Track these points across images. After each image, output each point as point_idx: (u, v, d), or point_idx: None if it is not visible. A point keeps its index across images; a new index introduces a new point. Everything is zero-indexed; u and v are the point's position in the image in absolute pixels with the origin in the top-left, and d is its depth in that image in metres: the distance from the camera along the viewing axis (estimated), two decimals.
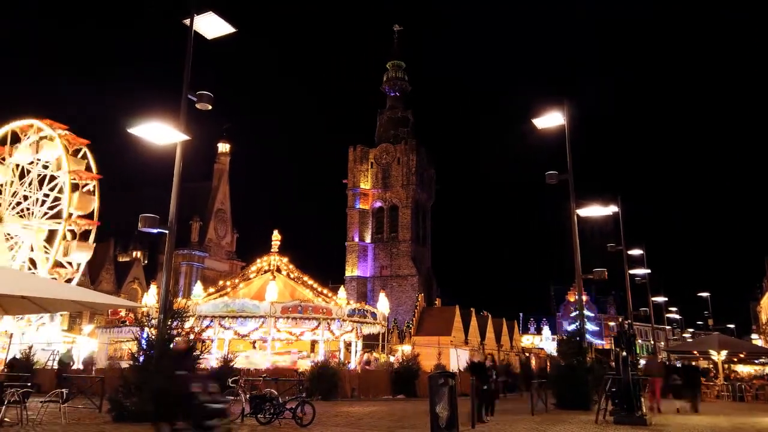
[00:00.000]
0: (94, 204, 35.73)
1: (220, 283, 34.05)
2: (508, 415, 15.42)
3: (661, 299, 41.59)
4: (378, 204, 74.86)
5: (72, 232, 35.12)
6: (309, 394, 17.15)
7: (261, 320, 26.77)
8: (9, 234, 36.26)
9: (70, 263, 34.88)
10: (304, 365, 25.00)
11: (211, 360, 23.00)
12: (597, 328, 76.22)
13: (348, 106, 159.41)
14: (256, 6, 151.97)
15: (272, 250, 32.39)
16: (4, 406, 11.01)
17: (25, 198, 36.50)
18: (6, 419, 11.18)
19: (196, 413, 7.91)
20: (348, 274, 72.01)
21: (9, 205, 36.20)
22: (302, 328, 28.83)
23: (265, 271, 32.18)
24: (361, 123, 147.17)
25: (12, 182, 36.41)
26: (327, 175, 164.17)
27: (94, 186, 36.37)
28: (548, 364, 39.13)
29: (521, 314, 72.30)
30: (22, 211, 36.38)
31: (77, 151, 36.46)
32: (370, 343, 34.20)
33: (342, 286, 35.73)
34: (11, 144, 36.62)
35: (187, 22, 13.94)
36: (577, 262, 18.38)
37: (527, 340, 68.54)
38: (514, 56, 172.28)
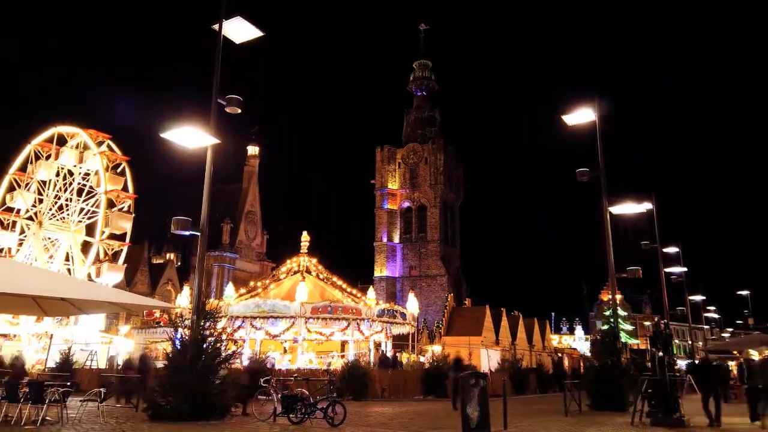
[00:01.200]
0: (129, 224, 36.74)
1: (251, 284, 34.49)
2: (541, 415, 15.21)
3: (698, 298, 40.47)
4: (406, 204, 74.78)
5: (105, 250, 36.24)
6: (340, 394, 17.21)
7: (291, 320, 27.01)
8: (48, 237, 37.47)
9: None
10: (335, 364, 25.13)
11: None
12: (631, 328, 74.58)
13: (375, 107, 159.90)
14: (281, 7, 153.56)
15: (301, 251, 32.67)
16: (45, 405, 11.33)
17: (66, 206, 37.68)
18: (47, 417, 11.51)
19: None
20: (377, 274, 72.12)
21: (49, 210, 37.40)
22: (332, 329, 28.99)
23: (295, 272, 32.47)
24: (388, 123, 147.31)
25: (55, 184, 37.68)
26: (354, 175, 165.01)
27: (130, 205, 37.37)
28: (581, 364, 38.48)
29: (553, 314, 71.29)
30: (60, 215, 37.58)
31: (100, 143, 37.46)
32: (400, 343, 34.17)
33: (371, 286, 35.81)
34: (57, 144, 37.93)
35: (216, 27, 14.15)
36: (610, 261, 18.02)
37: (560, 341, 67.54)
38: (543, 52, 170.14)
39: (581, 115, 17.67)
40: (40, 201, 37.56)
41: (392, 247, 73.42)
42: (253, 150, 75.20)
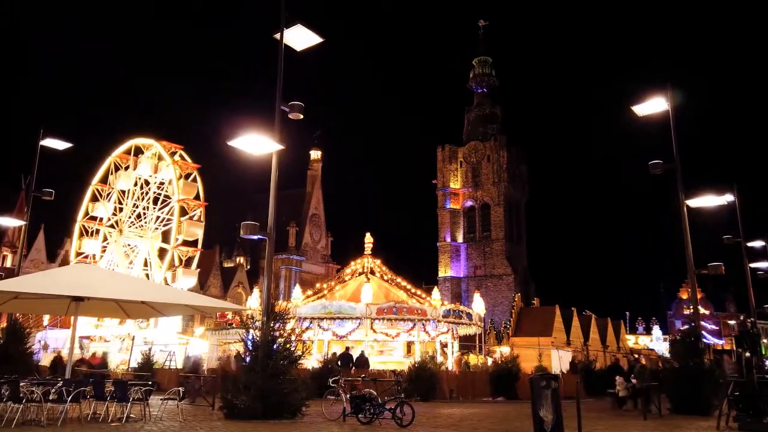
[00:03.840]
0: (200, 231, 38.38)
1: (317, 285, 35.10)
2: (619, 419, 14.61)
3: None
4: (469, 203, 73.99)
5: (179, 256, 37.97)
6: (407, 394, 17.20)
7: (357, 321, 27.26)
8: (128, 244, 39.74)
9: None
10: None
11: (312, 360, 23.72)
12: (715, 327, 70.52)
13: (434, 106, 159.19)
14: (338, 9, 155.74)
15: (365, 253, 32.93)
16: (129, 403, 11.97)
17: (143, 214, 39.85)
18: (131, 415, 12.15)
19: None
20: (441, 274, 71.73)
21: (128, 218, 39.68)
22: (398, 329, 29.03)
23: (360, 274, 32.77)
24: (448, 122, 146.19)
25: (133, 193, 39.95)
26: (416, 176, 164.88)
27: (201, 213, 39.03)
28: (660, 366, 36.68)
29: (627, 313, 68.42)
30: (133, 222, 39.83)
31: (173, 153, 39.29)
32: (467, 344, 33.79)
33: (435, 286, 35.63)
34: (134, 155, 40.22)
35: (278, 36, 14.50)
36: (689, 257, 17.07)
37: (635, 341, 64.79)
38: (608, 42, 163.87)
39: (653, 105, 16.87)
40: (120, 210, 39.82)
41: (456, 247, 72.81)
42: (315, 154, 76.64)
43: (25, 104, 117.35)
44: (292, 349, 13.55)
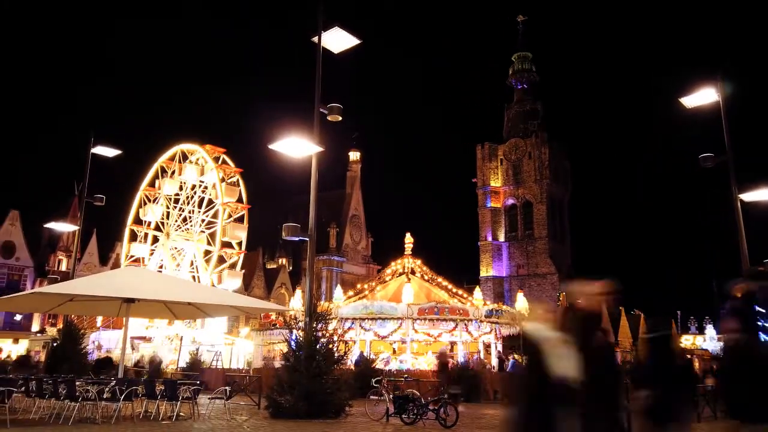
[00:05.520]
0: (244, 233, 39.13)
1: (358, 286, 35.28)
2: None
3: None
4: (510, 201, 72.99)
5: (222, 258, 38.78)
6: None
7: (399, 322, 27.26)
8: (175, 247, 40.86)
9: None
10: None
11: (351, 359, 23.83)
12: None
13: (473, 104, 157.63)
14: (373, 9, 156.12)
15: (406, 253, 32.90)
16: (179, 402, 12.30)
17: (189, 217, 40.94)
18: (181, 413, 12.48)
19: None
20: (483, 274, 71.00)
21: (174, 222, 40.83)
22: (440, 330, 28.89)
23: (400, 274, 32.77)
24: (487, 120, 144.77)
25: (178, 198, 41.08)
26: (455, 175, 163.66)
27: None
28: (714, 366, 35.29)
29: (679, 312, 66.06)
30: (180, 226, 40.92)
31: (216, 158, 40.18)
32: (511, 344, 33.32)
33: (477, 286, 35.28)
34: (180, 160, 41.37)
35: (315, 39, 14.62)
36: (743, 253, 16.34)
37: (688, 341, 62.53)
38: (653, 33, 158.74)
39: (702, 96, 16.22)
40: (167, 215, 41.00)
41: (497, 246, 71.96)
42: (354, 155, 77.08)
43: (77, 113, 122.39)
44: (335, 349, 13.65)
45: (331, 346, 13.40)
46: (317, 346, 13.04)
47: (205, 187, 40.32)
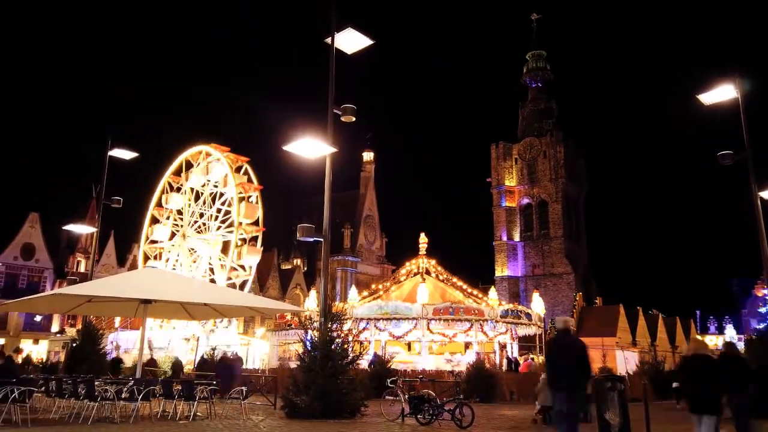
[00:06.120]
0: (259, 212, 38.93)
1: (373, 286, 35.30)
2: (689, 422, 13.88)
3: None
4: (525, 201, 72.56)
5: (243, 239, 38.58)
6: (466, 396, 17.02)
7: (414, 322, 27.23)
8: (192, 249, 41.12)
9: (242, 267, 38.39)
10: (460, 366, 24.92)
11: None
12: None
13: (486, 103, 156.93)
14: (386, 8, 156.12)
15: (420, 253, 32.85)
16: (196, 402, 12.40)
17: (201, 215, 41.06)
18: (198, 413, 12.58)
19: None
20: (498, 274, 70.65)
21: (189, 224, 41.02)
22: (455, 330, 28.82)
23: (415, 274, 32.74)
24: (501, 119, 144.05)
25: (189, 204, 41.17)
26: (469, 174, 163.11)
27: (257, 196, 39.72)
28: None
29: (698, 312, 65.21)
30: (199, 227, 41.02)
31: (239, 168, 40.18)
32: (526, 344, 33.14)
33: (492, 286, 35.13)
34: (185, 170, 41.41)
35: (329, 40, 14.65)
36: (764, 251, 16.06)
37: (708, 341, 61.74)
38: (669, 30, 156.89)
39: (720, 93, 15.98)
40: (186, 211, 41.11)
41: (513, 245, 71.55)
42: (368, 156, 77.18)
43: (93, 115, 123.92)
44: (350, 349, 13.67)
45: (346, 346, 13.42)
46: (332, 347, 13.06)
47: (216, 184, 40.13)
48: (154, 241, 40.32)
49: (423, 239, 32.88)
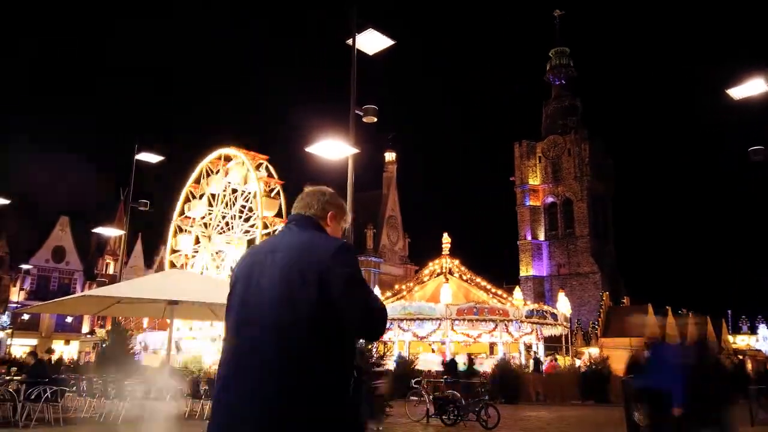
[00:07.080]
0: (280, 204, 39.38)
1: (396, 286, 35.27)
2: None
3: None
4: (550, 199, 71.74)
5: (266, 234, 38.96)
6: (491, 396, 16.90)
7: (437, 322, 27.15)
8: (218, 252, 41.71)
9: None
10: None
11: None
12: None
13: (509, 102, 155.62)
14: (408, 7, 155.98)
15: (443, 253, 32.74)
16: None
17: (223, 217, 41.63)
18: None
19: None
20: (522, 274, 69.96)
21: (212, 228, 41.62)
22: (479, 330, 28.64)
23: (438, 274, 32.63)
24: (524, 117, 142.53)
25: (210, 212, 41.77)
26: (492, 173, 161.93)
27: (278, 191, 40.12)
28: None
29: (729, 311, 63.65)
30: (222, 228, 41.60)
31: (259, 165, 40.61)
32: (552, 345, 32.77)
33: (517, 286, 34.83)
34: (206, 177, 41.99)
35: (350, 42, 14.66)
36: None
37: (740, 341, 60.25)
38: (696, 23, 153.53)
39: (751, 87, 15.57)
40: (210, 215, 41.75)
41: (537, 245, 70.80)
42: (390, 156, 77.18)
43: (122, 119, 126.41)
44: (374, 350, 13.68)
45: (369, 346, 13.42)
46: (356, 346, 13.07)
47: (247, 196, 40.75)
48: (178, 251, 41.05)
49: (446, 239, 32.76)
